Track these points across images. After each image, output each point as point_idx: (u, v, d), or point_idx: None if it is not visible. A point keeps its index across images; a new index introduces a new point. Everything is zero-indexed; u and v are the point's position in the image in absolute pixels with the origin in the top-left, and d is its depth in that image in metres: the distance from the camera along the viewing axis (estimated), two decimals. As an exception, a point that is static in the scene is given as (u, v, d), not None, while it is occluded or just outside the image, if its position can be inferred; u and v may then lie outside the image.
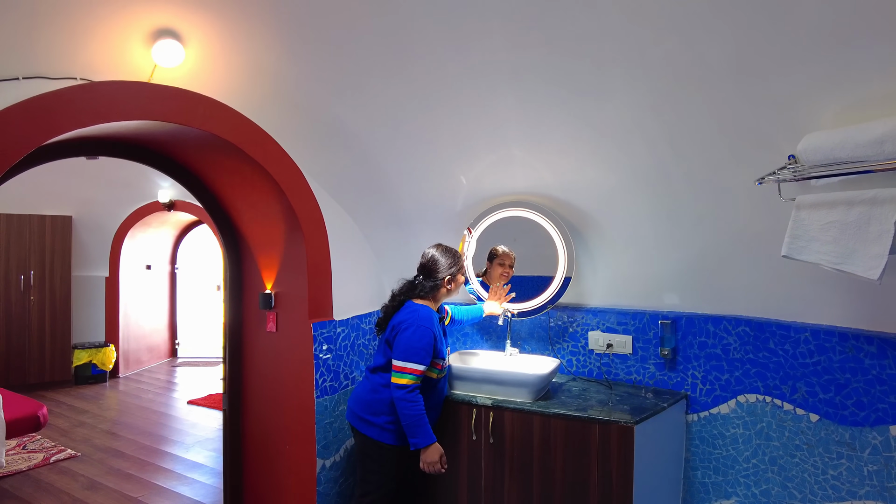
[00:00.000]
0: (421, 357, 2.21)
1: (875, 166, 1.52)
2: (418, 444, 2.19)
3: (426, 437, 2.19)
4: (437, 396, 2.40)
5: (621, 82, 2.06)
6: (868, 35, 1.51)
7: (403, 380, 2.19)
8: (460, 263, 2.44)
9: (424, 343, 2.22)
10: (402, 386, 2.18)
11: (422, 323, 2.26)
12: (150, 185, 6.13)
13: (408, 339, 2.23)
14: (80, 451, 4.27)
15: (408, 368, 2.19)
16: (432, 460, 2.19)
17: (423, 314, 2.30)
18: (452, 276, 2.40)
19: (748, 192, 2.04)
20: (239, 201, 2.93)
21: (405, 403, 2.17)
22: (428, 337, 2.23)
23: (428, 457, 2.19)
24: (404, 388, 2.18)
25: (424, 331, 2.24)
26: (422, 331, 2.24)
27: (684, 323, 2.57)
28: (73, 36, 1.96)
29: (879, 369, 1.94)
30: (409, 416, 2.17)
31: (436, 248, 2.45)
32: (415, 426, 2.18)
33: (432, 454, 2.19)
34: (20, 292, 5.96)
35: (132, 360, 6.83)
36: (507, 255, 2.92)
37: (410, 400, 2.17)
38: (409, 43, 2.17)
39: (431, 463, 2.19)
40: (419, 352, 2.21)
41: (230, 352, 3.10)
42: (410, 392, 2.18)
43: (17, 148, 1.85)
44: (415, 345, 2.21)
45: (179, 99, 2.24)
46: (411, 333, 2.23)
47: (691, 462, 2.54)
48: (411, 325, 2.25)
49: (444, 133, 2.55)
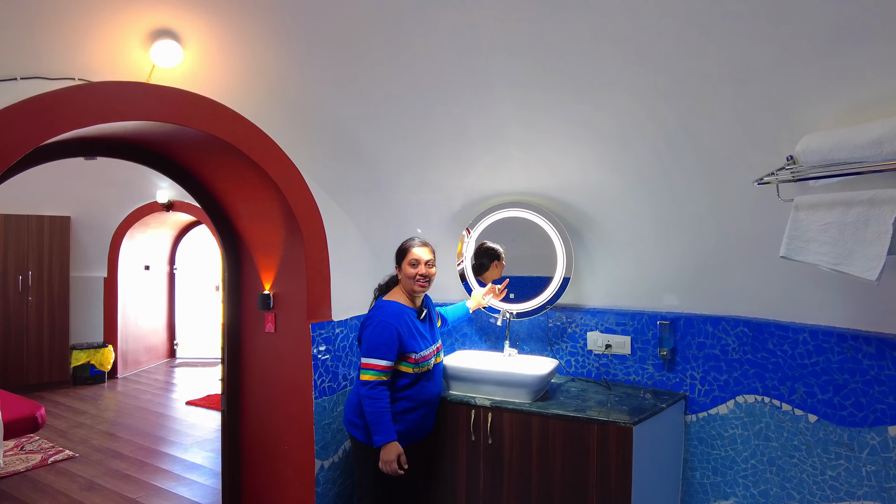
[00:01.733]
0: (382, 352, 2.20)
1: (873, 167, 1.52)
2: (378, 441, 2.18)
3: (386, 435, 2.17)
4: (422, 394, 2.34)
5: (620, 83, 2.06)
6: (867, 36, 1.51)
7: (366, 375, 2.20)
8: (404, 252, 2.40)
9: (385, 338, 2.22)
10: (365, 382, 2.20)
11: (382, 318, 2.26)
12: (148, 186, 6.13)
13: (368, 335, 2.25)
14: (79, 451, 4.26)
15: (370, 364, 2.20)
16: (388, 459, 2.17)
17: (387, 310, 2.31)
18: (398, 264, 2.41)
19: (747, 192, 2.04)
20: (237, 202, 2.93)
21: (367, 400, 2.19)
22: (388, 331, 2.23)
23: (385, 455, 2.17)
24: (367, 385, 2.19)
25: (385, 325, 2.24)
26: (382, 325, 2.24)
27: (683, 323, 2.57)
28: (72, 36, 1.95)
29: (878, 370, 1.95)
30: (370, 413, 2.18)
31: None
32: (375, 422, 2.17)
33: (389, 453, 2.17)
34: (18, 293, 5.95)
35: (130, 361, 6.82)
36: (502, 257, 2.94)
37: (372, 396, 2.18)
38: (408, 43, 2.17)
39: (387, 462, 2.17)
40: (380, 347, 2.21)
41: (229, 352, 3.09)
42: (373, 388, 2.18)
43: (16, 148, 1.85)
44: (374, 340, 2.22)
45: (178, 99, 2.23)
46: (372, 329, 2.25)
47: (690, 462, 2.54)
48: (372, 321, 2.28)
49: (442, 133, 2.55)
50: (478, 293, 2.85)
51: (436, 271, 2.42)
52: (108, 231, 6.50)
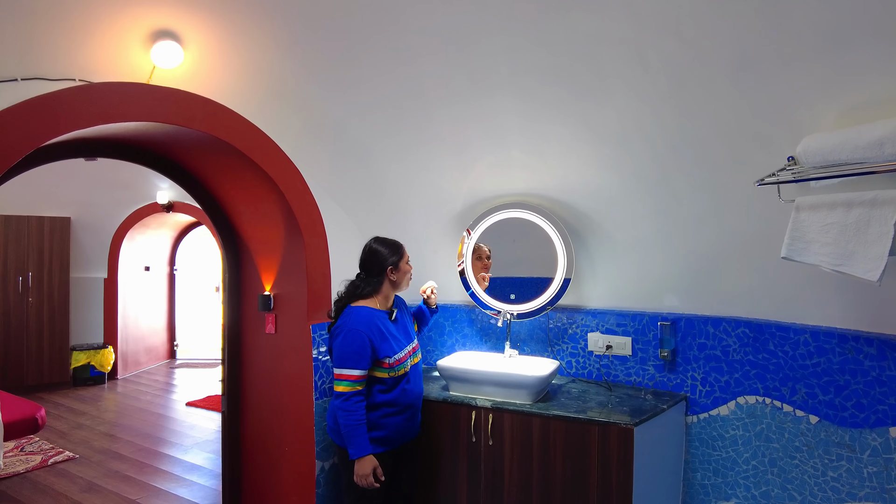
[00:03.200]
0: (354, 361, 2.13)
1: (875, 168, 1.52)
2: (353, 454, 2.12)
3: (360, 448, 2.12)
4: (402, 397, 2.27)
5: (621, 84, 2.06)
6: (867, 37, 1.51)
7: (340, 387, 2.13)
8: (401, 252, 2.34)
9: (356, 347, 2.13)
10: (339, 394, 2.13)
11: (353, 326, 2.17)
12: (148, 187, 6.13)
13: (339, 346, 2.16)
14: (79, 453, 4.26)
15: (343, 375, 2.13)
16: (363, 473, 2.12)
17: (356, 317, 2.20)
18: (394, 265, 2.30)
19: (748, 193, 2.04)
20: (238, 203, 2.93)
21: (341, 412, 2.12)
22: (359, 340, 2.14)
23: (360, 469, 2.12)
24: (341, 396, 2.13)
25: (355, 334, 2.15)
26: (352, 335, 2.15)
27: (684, 324, 2.56)
28: (73, 37, 1.96)
29: (879, 371, 1.94)
30: (344, 426, 2.12)
31: (373, 241, 2.35)
32: (350, 435, 2.12)
33: (364, 466, 2.12)
34: (18, 294, 5.95)
35: (131, 362, 6.82)
36: (480, 248, 2.93)
37: (346, 409, 2.12)
38: (409, 45, 2.18)
39: (363, 476, 2.12)
40: (351, 356, 2.13)
41: (229, 353, 3.09)
42: (347, 400, 2.12)
43: (16, 149, 1.85)
44: (345, 350, 2.14)
45: (178, 100, 2.23)
46: (342, 339, 2.16)
47: (691, 464, 2.54)
48: (342, 331, 2.18)
49: (443, 134, 2.55)
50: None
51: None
52: (108, 232, 6.51)
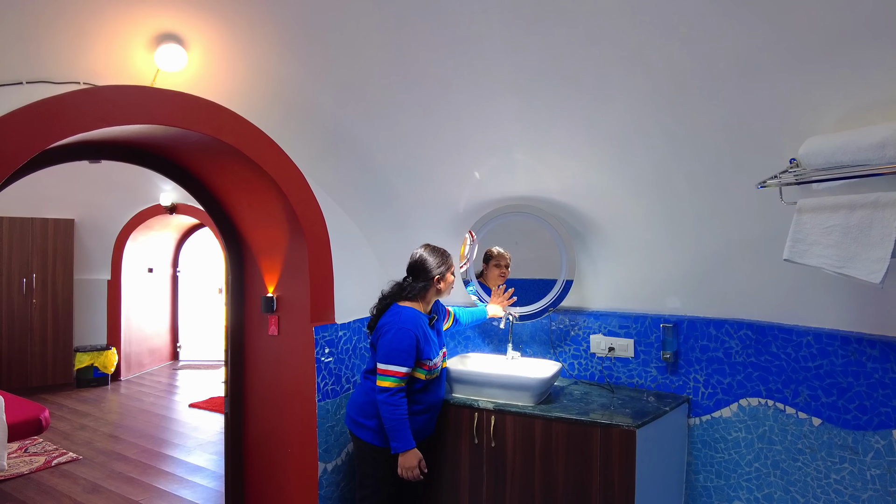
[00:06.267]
0: (403, 359, 2.21)
1: (877, 170, 1.52)
2: (398, 448, 2.19)
3: (405, 442, 2.18)
4: (429, 398, 2.37)
5: (623, 86, 2.06)
6: (870, 39, 1.51)
7: (386, 382, 2.20)
8: (449, 262, 2.43)
9: (406, 345, 2.21)
10: (384, 389, 2.19)
11: (403, 325, 2.25)
12: (152, 189, 6.15)
13: (389, 342, 2.23)
14: (82, 454, 4.27)
15: (390, 371, 2.20)
16: (410, 465, 2.19)
17: (406, 316, 2.29)
18: (442, 275, 2.39)
19: (750, 195, 2.04)
20: (241, 205, 2.93)
21: (386, 406, 2.19)
22: (409, 339, 2.22)
23: (406, 462, 2.19)
24: (387, 391, 2.19)
25: (406, 333, 2.23)
26: (403, 333, 2.23)
27: (686, 326, 2.56)
28: (77, 41, 1.97)
29: (882, 373, 1.94)
30: (389, 420, 2.18)
31: (424, 248, 2.44)
32: (395, 430, 2.18)
33: (410, 459, 2.19)
34: (22, 295, 5.97)
35: (134, 364, 6.83)
36: (503, 256, 2.93)
37: (392, 403, 2.18)
38: (411, 47, 2.18)
39: (409, 468, 2.19)
40: (401, 354, 2.20)
41: (232, 355, 3.10)
42: (393, 395, 2.18)
43: (21, 152, 1.86)
44: (396, 347, 2.21)
45: (182, 103, 2.24)
46: (392, 336, 2.23)
47: (693, 466, 2.53)
48: (392, 328, 2.25)
49: (446, 137, 2.56)
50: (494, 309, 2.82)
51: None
52: (111, 234, 6.53)
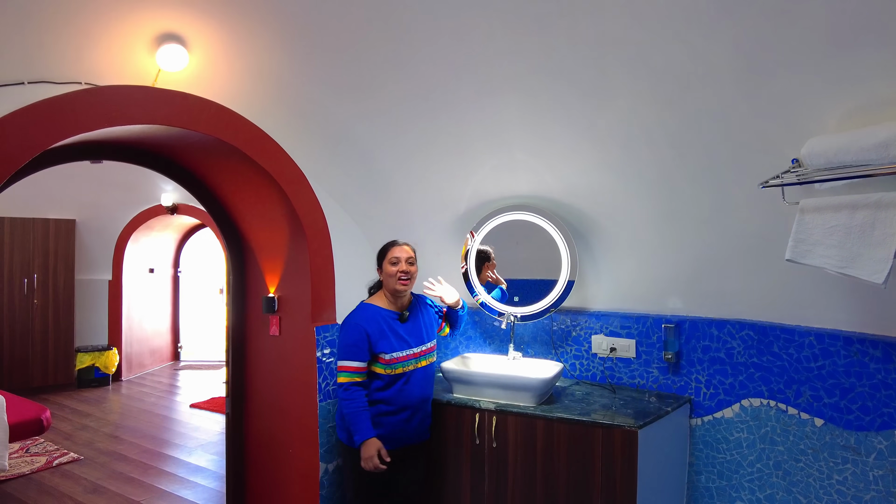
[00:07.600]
0: (352, 353, 2.26)
1: (879, 170, 1.51)
2: (357, 440, 2.21)
3: (363, 433, 2.20)
4: (399, 397, 2.31)
5: (624, 86, 2.06)
6: (872, 38, 1.50)
7: (341, 377, 2.27)
8: (385, 252, 2.41)
9: (352, 339, 2.27)
10: (340, 384, 2.27)
11: (350, 320, 2.33)
12: (153, 189, 6.15)
13: (340, 338, 2.32)
14: (83, 454, 4.27)
15: (342, 366, 2.27)
16: (368, 455, 2.17)
17: (357, 312, 2.37)
18: (379, 265, 2.43)
19: (752, 195, 2.04)
20: (242, 205, 2.93)
21: (343, 402, 2.25)
22: (356, 333, 2.27)
23: (364, 452, 2.19)
24: (342, 386, 2.26)
25: (353, 327, 2.29)
26: (349, 328, 2.30)
27: (688, 327, 2.56)
28: (79, 41, 1.97)
29: (884, 373, 1.94)
30: (347, 413, 2.23)
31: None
32: (352, 422, 2.22)
33: (368, 449, 2.18)
34: (23, 295, 5.98)
35: (135, 364, 6.84)
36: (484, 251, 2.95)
37: (347, 398, 2.24)
38: (412, 48, 2.18)
39: (368, 458, 2.18)
40: (349, 348, 2.26)
41: (233, 355, 3.10)
42: (346, 390, 2.24)
43: (23, 152, 1.86)
44: (342, 342, 2.29)
45: (183, 103, 2.25)
46: (342, 332, 2.33)
47: (695, 466, 2.53)
48: (343, 325, 2.35)
49: (447, 137, 2.56)
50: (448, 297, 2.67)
51: (416, 269, 2.40)
52: (112, 234, 6.53)
